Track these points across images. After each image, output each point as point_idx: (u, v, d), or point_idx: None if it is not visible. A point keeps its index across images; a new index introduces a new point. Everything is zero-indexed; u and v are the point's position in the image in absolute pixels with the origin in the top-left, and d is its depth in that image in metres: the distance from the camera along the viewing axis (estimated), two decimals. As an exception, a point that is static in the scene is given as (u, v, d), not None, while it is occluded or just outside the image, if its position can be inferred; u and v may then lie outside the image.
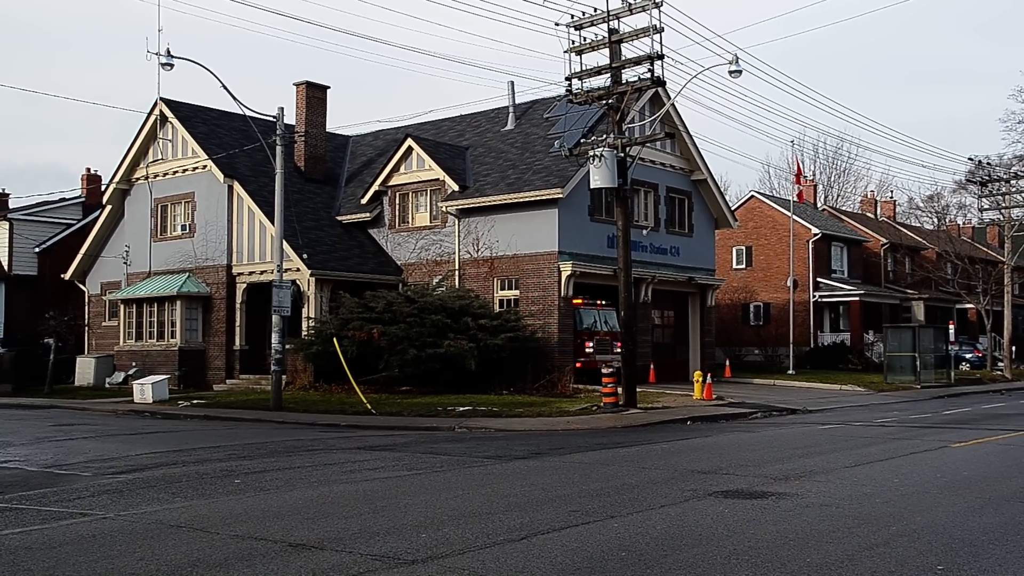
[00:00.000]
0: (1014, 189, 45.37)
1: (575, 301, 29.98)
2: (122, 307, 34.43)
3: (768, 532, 8.44)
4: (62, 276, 38.24)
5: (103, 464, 13.95)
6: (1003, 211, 45.57)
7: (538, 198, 28.83)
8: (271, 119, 25.66)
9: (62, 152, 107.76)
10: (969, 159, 47.69)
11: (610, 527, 8.67)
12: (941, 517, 9.17)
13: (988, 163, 47.08)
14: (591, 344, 29.66)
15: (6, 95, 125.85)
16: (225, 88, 23.06)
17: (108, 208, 36.48)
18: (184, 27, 63.70)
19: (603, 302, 31.11)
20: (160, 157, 34.25)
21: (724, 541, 8.08)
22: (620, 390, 23.17)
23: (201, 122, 33.87)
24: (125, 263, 35.17)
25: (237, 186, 31.99)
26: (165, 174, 34.10)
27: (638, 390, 24.18)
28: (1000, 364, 45.39)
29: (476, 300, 28.79)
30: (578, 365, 29.50)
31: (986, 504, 9.92)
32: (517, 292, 29.78)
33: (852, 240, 52.81)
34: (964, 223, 66.75)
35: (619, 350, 30.65)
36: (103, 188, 38.30)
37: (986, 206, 47.05)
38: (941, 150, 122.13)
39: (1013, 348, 45.45)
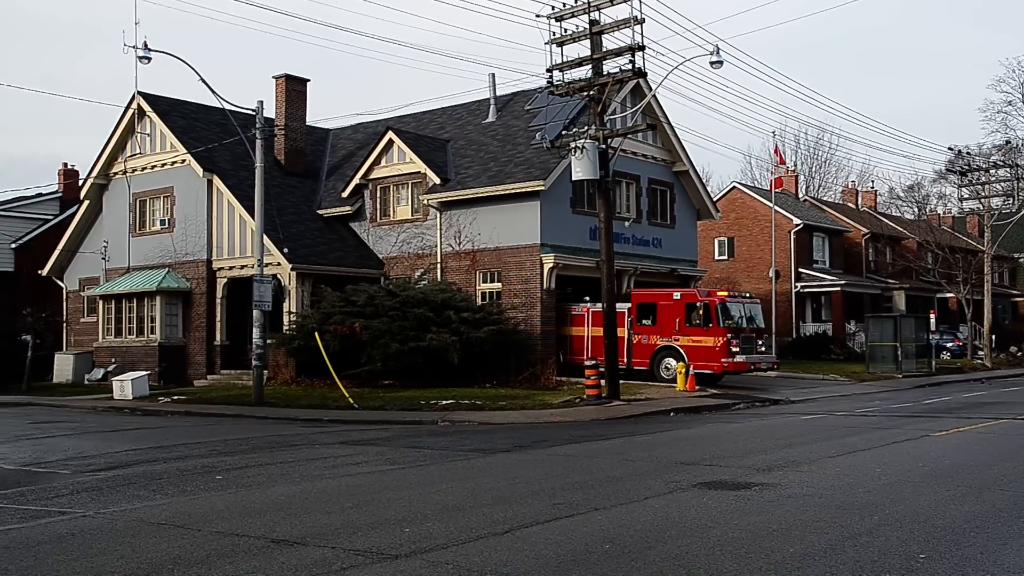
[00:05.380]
0: (993, 178, 45.68)
1: (720, 294, 28.50)
2: (101, 303, 34.15)
3: (751, 523, 8.44)
4: (39, 272, 37.86)
5: (82, 462, 13.82)
6: (983, 200, 45.87)
7: (520, 190, 28.76)
8: (251, 112, 25.47)
9: (38, 146, 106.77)
10: (949, 149, 47.98)
11: (594, 520, 8.65)
12: (923, 506, 9.20)
13: (968, 153, 47.38)
14: (737, 343, 27.34)
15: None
16: (203, 81, 22.88)
17: (86, 203, 36.14)
18: (162, 20, 63.18)
19: (745, 294, 30.08)
20: (138, 151, 33.94)
21: (708, 532, 8.07)
22: (603, 382, 23.17)
23: (180, 116, 33.58)
24: (103, 259, 34.85)
25: (217, 180, 31.75)
26: (144, 168, 33.80)
27: (621, 382, 24.19)
28: (980, 353, 45.72)
29: (458, 293, 28.71)
30: (725, 366, 27.04)
31: (967, 492, 9.97)
32: (499, 285, 29.72)
33: (833, 230, 53.04)
34: (944, 213, 67.27)
35: (763, 348, 29.87)
36: (80, 183, 37.94)
37: (966, 195, 47.36)
38: (921, 140, 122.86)
39: (993, 337, 45.78)
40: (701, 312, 27.64)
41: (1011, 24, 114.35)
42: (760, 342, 29.17)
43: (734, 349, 27.19)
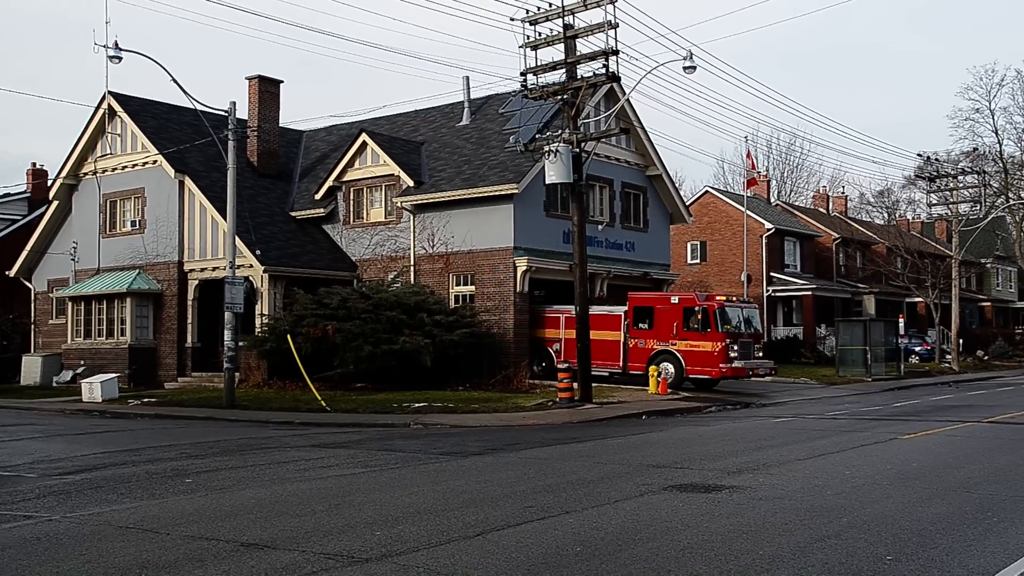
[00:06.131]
0: (961, 185, 46.25)
1: (718, 298, 28.14)
2: (70, 304, 33.78)
3: (722, 525, 8.49)
4: (7, 273, 37.42)
5: (49, 465, 13.67)
6: (951, 206, 46.41)
7: (493, 193, 28.77)
8: (223, 114, 25.30)
9: (11, 146, 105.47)
10: (918, 155, 48.70)
11: (565, 523, 8.66)
12: (891, 508, 9.29)
13: (936, 159, 47.98)
14: (736, 348, 27.02)
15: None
16: (175, 81, 22.71)
17: (55, 204, 35.76)
18: (133, 20, 62.64)
19: (743, 299, 29.77)
20: (109, 152, 33.62)
21: (679, 535, 8.11)
22: (575, 385, 23.22)
23: (151, 116, 33.31)
24: (73, 260, 34.48)
25: (188, 181, 31.52)
26: (114, 169, 33.48)
27: (593, 385, 24.25)
28: (948, 357, 46.25)
29: (431, 296, 28.67)
30: (723, 372, 26.76)
31: (934, 495, 10.08)
32: (473, 288, 29.70)
33: (805, 235, 53.46)
34: (913, 218, 67.95)
35: (760, 354, 29.29)
36: (49, 183, 37.53)
37: (934, 201, 47.91)
38: (891, 146, 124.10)
39: (960, 341, 46.35)
40: (699, 316, 27.20)
41: (978, 31, 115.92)
42: (757, 347, 28.87)
43: (732, 354, 26.89)
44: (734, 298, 30.10)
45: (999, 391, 30.37)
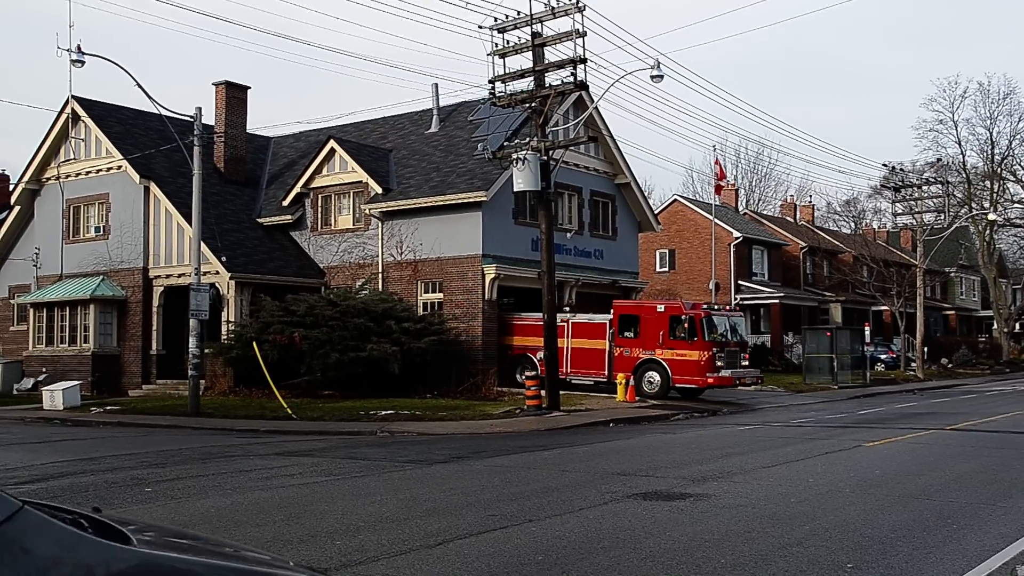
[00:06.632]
0: (926, 195, 46.83)
1: (702, 307, 27.93)
2: (32, 311, 33.28)
3: (685, 533, 8.48)
4: (-32, 279, 36.81)
5: (4, 474, 13.40)
6: (916, 216, 46.97)
7: (462, 201, 28.72)
8: (189, 119, 25.05)
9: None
10: (883, 165, 49.15)
11: (528, 531, 8.61)
12: (853, 515, 9.32)
13: (902, 169, 48.60)
14: (723, 357, 26.73)
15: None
16: (139, 86, 22.46)
17: (16, 209, 35.23)
18: (98, 23, 61.99)
19: (732, 307, 29.21)
20: (72, 157, 33.18)
21: (641, 543, 8.08)
22: (543, 393, 23.19)
23: (116, 121, 32.93)
24: (35, 266, 33.97)
25: (154, 187, 31.18)
26: (78, 174, 33.05)
27: (561, 392, 24.23)
28: (913, 364, 46.73)
29: (400, 303, 28.53)
30: (709, 381, 26.55)
31: (896, 502, 10.13)
32: (441, 295, 29.61)
33: (772, 243, 53.86)
34: (879, 227, 68.73)
35: (746, 362, 28.82)
36: (11, 188, 36.99)
37: (900, 211, 48.72)
38: (858, 156, 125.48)
39: (925, 349, 46.84)
40: (686, 325, 26.83)
41: (944, 44, 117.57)
42: (743, 355, 28.58)
43: (719, 363, 26.55)
44: (724, 307, 29.98)
45: (962, 399, 30.70)
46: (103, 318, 31.65)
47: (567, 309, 29.89)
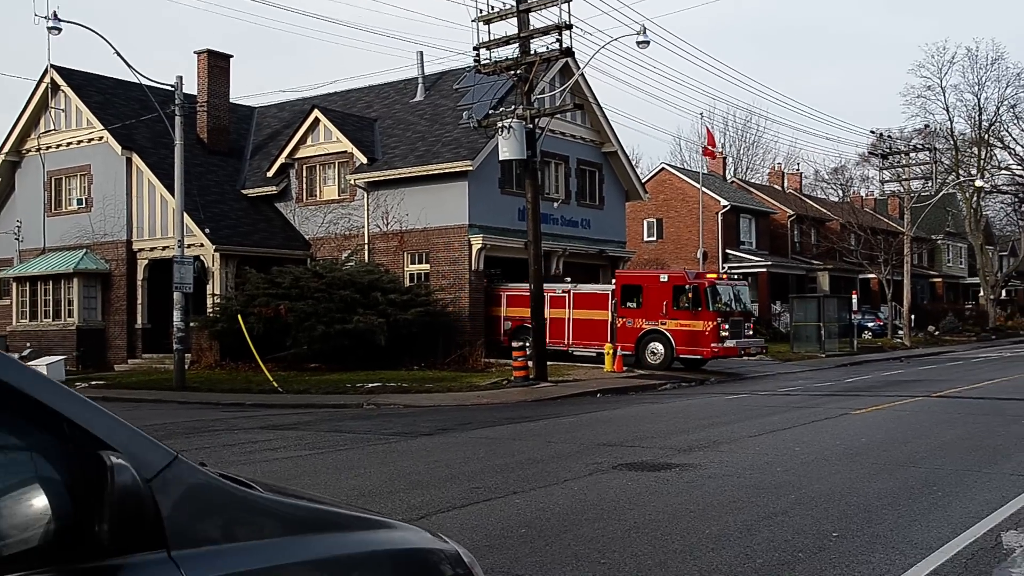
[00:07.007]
0: (913, 162, 46.74)
1: (709, 276, 27.32)
2: (15, 285, 32.98)
3: (670, 504, 8.42)
4: (-51, 253, 36.43)
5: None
6: (903, 183, 46.91)
7: (448, 170, 28.48)
8: (170, 88, 24.71)
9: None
10: (871, 132, 49.00)
11: (512, 503, 8.53)
12: (838, 484, 9.28)
13: (889, 136, 48.45)
14: (727, 327, 26.19)
15: None
16: (118, 54, 22.11)
17: (-3, 181, 34.85)
18: (80, -7, 61.04)
19: (738, 276, 28.75)
20: (53, 128, 32.75)
21: (625, 514, 8.02)
22: (531, 364, 23.12)
23: (96, 91, 32.47)
24: (17, 239, 33.63)
25: (136, 158, 30.82)
26: (59, 145, 32.64)
27: (549, 363, 24.16)
28: (900, 332, 46.89)
29: (386, 275, 28.36)
30: (715, 351, 26.08)
31: (881, 470, 10.10)
32: (427, 266, 29.44)
33: (760, 212, 53.77)
34: (867, 195, 68.63)
35: (751, 332, 28.54)
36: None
37: (887, 178, 48.39)
38: (846, 123, 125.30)
39: (912, 317, 46.97)
40: (690, 295, 26.33)
41: (932, 9, 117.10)
42: (748, 325, 28.22)
43: (723, 334, 26.03)
44: (723, 275, 29.76)
45: (949, 366, 30.81)
46: (87, 292, 31.39)
47: (568, 280, 29.66)
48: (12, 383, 2.05)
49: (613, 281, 28.72)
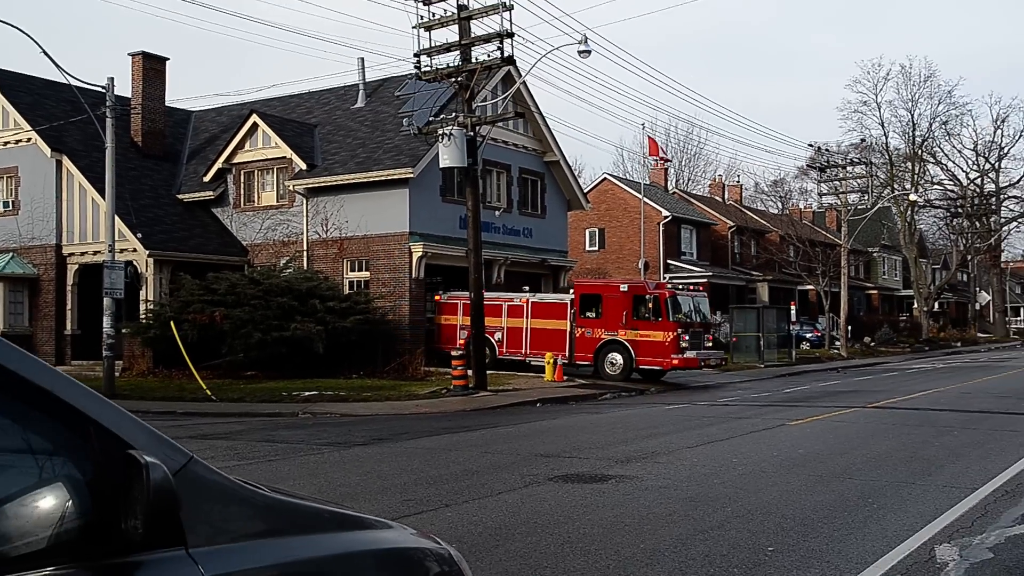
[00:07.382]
0: (850, 175, 47.53)
1: (666, 287, 27.13)
2: (-62, 290, 31.81)
3: (605, 517, 8.25)
4: None
5: None
6: (840, 196, 47.66)
7: (388, 177, 28.17)
8: (102, 90, 24.04)
9: None
10: (809, 146, 49.76)
11: (443, 516, 8.30)
12: (775, 496, 9.21)
13: (827, 150, 49.24)
14: (687, 338, 25.86)
15: None
16: (46, 54, 21.40)
17: (-79, 183, 33.61)
18: (13, -9, 59.49)
19: (697, 287, 28.71)
20: (-21, 128, 31.72)
21: (559, 528, 7.83)
22: (470, 372, 22.89)
23: (25, 92, 31.52)
24: (-59, 242, 32.49)
25: (67, 161, 29.96)
26: (-15, 147, 31.61)
27: (489, 372, 23.96)
28: (837, 343, 47.58)
29: (325, 282, 27.93)
30: (674, 363, 25.81)
31: (818, 482, 10.06)
32: (367, 274, 29.07)
33: (701, 223, 54.24)
34: (805, 207, 69.74)
35: (710, 343, 28.40)
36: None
37: (825, 191, 49.14)
38: (786, 137, 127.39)
39: (849, 328, 47.71)
40: (650, 305, 25.98)
41: (867, 27, 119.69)
42: (707, 336, 28.16)
43: (684, 344, 25.72)
44: (689, 286, 29.74)
45: (884, 377, 31.25)
46: (13, 296, 30.43)
47: (526, 288, 29.41)
48: (46, 387, 2.13)
49: (571, 291, 28.52)
